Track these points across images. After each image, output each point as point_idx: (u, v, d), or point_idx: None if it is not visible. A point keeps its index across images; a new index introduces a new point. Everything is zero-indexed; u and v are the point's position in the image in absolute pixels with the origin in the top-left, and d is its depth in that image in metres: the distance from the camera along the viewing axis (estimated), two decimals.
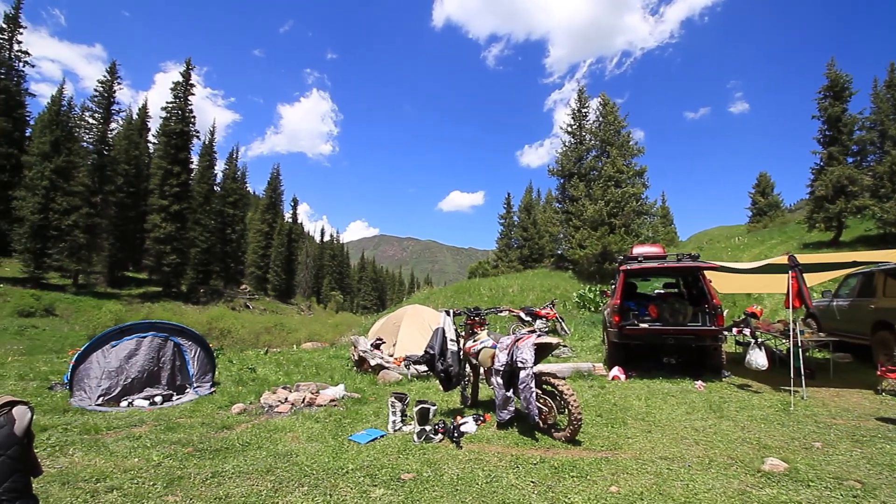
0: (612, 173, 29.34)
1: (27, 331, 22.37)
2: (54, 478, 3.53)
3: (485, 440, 4.58)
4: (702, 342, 7.63)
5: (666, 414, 5.47)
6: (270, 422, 5.27)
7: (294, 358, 10.97)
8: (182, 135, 41.58)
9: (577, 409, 4.36)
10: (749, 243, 32.93)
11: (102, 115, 36.58)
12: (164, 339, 6.69)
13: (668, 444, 4.38)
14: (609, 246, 26.93)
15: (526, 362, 4.61)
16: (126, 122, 46.18)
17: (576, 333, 13.84)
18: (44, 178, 30.74)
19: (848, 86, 27.58)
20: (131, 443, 4.45)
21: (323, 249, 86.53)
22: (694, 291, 8.66)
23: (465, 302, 22.87)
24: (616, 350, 8.06)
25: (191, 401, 6.28)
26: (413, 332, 9.86)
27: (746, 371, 7.33)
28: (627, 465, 3.83)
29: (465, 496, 3.32)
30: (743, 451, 4.18)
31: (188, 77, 42.70)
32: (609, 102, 32.25)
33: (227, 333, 23.47)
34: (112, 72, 37.72)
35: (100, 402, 5.86)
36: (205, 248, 44.25)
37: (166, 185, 39.74)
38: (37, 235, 30.30)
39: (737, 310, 14.04)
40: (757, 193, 49.12)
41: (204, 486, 3.47)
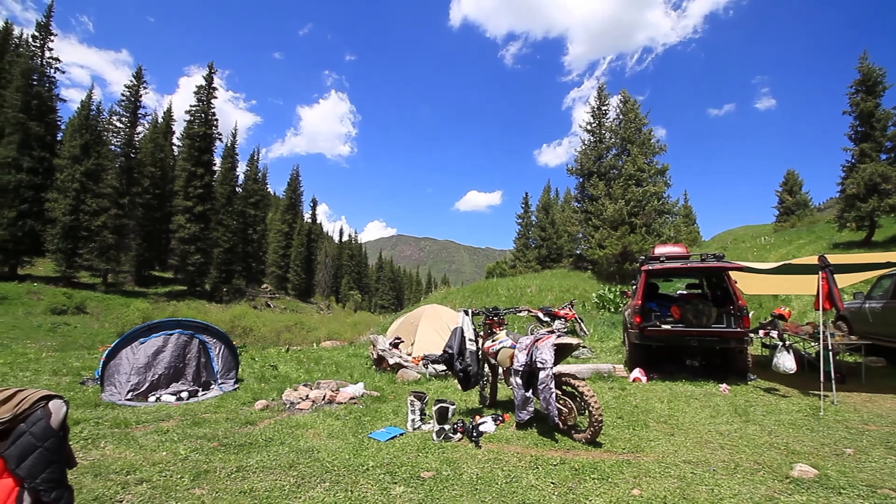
0: (633, 172, 28.86)
1: (60, 328, 23.19)
2: (87, 469, 3.66)
3: (504, 440, 4.57)
4: (727, 344, 7.46)
5: (689, 417, 5.37)
6: (292, 418, 5.36)
7: (314, 356, 11.12)
8: (205, 137, 42.57)
9: (598, 410, 4.31)
10: (776, 243, 31.96)
11: (129, 119, 37.71)
12: (190, 337, 6.87)
13: (692, 448, 4.30)
14: (629, 246, 26.51)
15: (546, 363, 4.58)
16: (152, 125, 47.49)
17: (595, 334, 13.67)
18: (74, 180, 31.85)
19: (881, 80, 26.49)
20: (159, 437, 4.58)
21: (341, 249, 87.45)
22: (718, 292, 8.46)
23: (483, 302, 22.82)
24: (637, 351, 7.94)
25: (215, 397, 6.43)
26: (431, 332, 9.89)
27: (773, 374, 7.14)
28: (650, 469, 3.77)
29: (484, 496, 3.32)
30: (770, 457, 4.07)
31: (211, 81, 43.68)
32: (630, 100, 31.74)
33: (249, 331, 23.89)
34: (138, 77, 38.85)
35: (129, 397, 6.05)
36: (227, 247, 45.20)
37: (190, 186, 40.77)
38: (68, 236, 31.42)
39: (763, 311, 13.66)
40: (784, 192, 47.66)
41: (229, 480, 3.55)
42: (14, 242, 30.21)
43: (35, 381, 7.27)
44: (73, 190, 31.73)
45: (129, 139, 37.48)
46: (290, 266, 61.01)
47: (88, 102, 34.82)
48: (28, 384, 6.65)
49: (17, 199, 30.61)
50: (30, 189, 31.31)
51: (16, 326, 21.63)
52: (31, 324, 22.79)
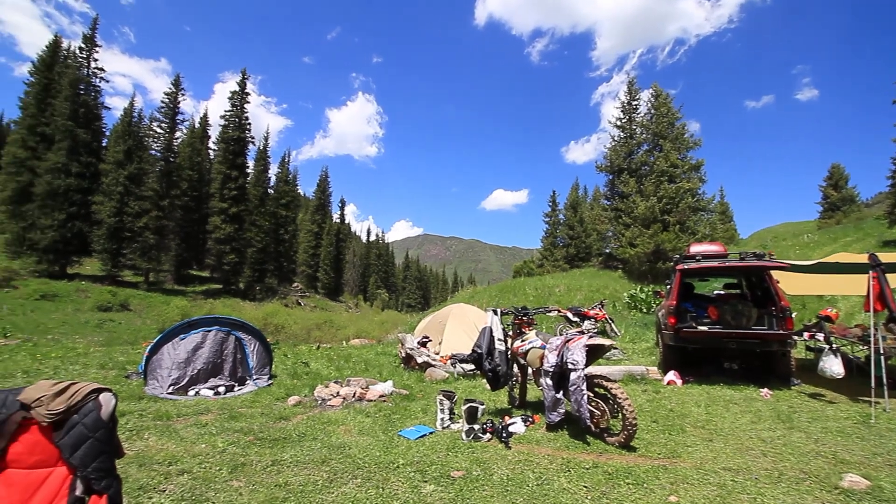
0: (666, 168, 28.00)
1: (105, 324, 24.41)
2: (132, 459, 3.83)
3: (534, 441, 4.52)
4: (768, 347, 7.14)
5: (729, 422, 5.17)
6: (324, 414, 5.46)
7: (344, 354, 11.30)
8: (239, 141, 43.94)
9: (632, 413, 4.20)
10: (820, 241, 30.40)
11: (168, 125, 39.30)
12: (227, 334, 7.10)
13: (732, 455, 4.14)
14: (662, 244, 25.74)
15: (577, 364, 4.50)
16: (189, 130, 49.35)
17: (627, 335, 13.34)
18: (118, 184, 33.45)
19: None
20: (199, 429, 4.75)
21: (369, 249, 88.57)
22: (759, 292, 8.11)
23: (510, 301, 22.64)
24: (671, 353, 7.70)
25: (251, 392, 6.62)
26: (458, 331, 9.88)
27: (819, 379, 6.80)
28: (687, 475, 3.65)
29: (515, 497, 3.29)
30: (817, 466, 3.88)
31: (244, 86, 45.04)
32: (661, 93, 30.80)
33: (281, 329, 24.50)
34: (176, 84, 40.43)
35: (170, 390, 6.30)
36: (260, 247, 46.49)
37: (225, 188, 42.17)
38: (113, 237, 33.03)
39: (807, 313, 13.02)
40: (829, 187, 45.27)
41: (265, 474, 3.65)
42: (64, 243, 31.98)
43: (84, 374, 7.67)
44: (118, 193, 33.33)
45: (169, 144, 39.06)
46: (319, 265, 62.26)
47: (131, 109, 36.50)
48: (77, 377, 7.01)
49: (66, 202, 32.39)
50: (78, 193, 33.06)
51: (66, 322, 22.91)
52: (80, 320, 24.10)
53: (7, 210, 32.46)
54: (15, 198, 32.47)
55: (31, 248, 31.30)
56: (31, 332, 19.10)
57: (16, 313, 22.82)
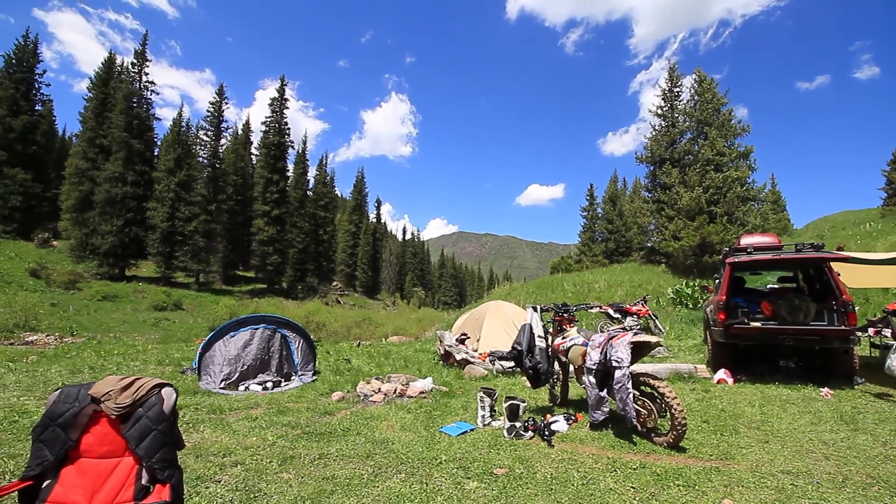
0: (712, 156, 26.73)
1: (161, 322, 25.93)
2: (189, 451, 4.04)
3: (577, 440, 4.44)
4: (828, 344, 6.70)
5: (786, 423, 4.89)
6: (366, 410, 5.58)
7: (383, 351, 11.50)
8: (279, 146, 45.53)
9: (681, 412, 4.05)
10: (884, 229, 28.13)
11: (214, 133, 41.26)
12: (273, 331, 7.38)
13: (791, 457, 3.92)
14: (709, 237, 24.60)
15: (622, 361, 4.38)
16: (233, 137, 51.59)
17: (672, 332, 12.87)
18: (170, 190, 35.44)
19: None
20: (249, 423, 4.97)
21: (405, 247, 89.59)
22: (817, 286, 7.62)
23: (548, 298, 22.32)
24: (721, 351, 7.36)
25: (296, 387, 6.85)
26: (496, 328, 9.84)
27: (886, 378, 6.32)
28: (742, 478, 3.49)
29: (560, 496, 3.25)
30: (886, 470, 3.61)
31: (283, 92, 46.58)
32: (706, 79, 29.38)
33: (322, 326, 25.25)
34: (220, 93, 42.34)
35: (222, 385, 6.61)
36: (301, 248, 48.04)
37: (267, 192, 43.84)
38: (166, 240, 35.05)
39: (871, 307, 12.11)
40: (893, 171, 41.83)
41: (312, 467, 3.77)
42: (122, 247, 34.25)
43: (143, 370, 8.17)
44: (169, 199, 35.31)
45: (215, 151, 41.00)
46: (357, 264, 63.61)
47: (179, 119, 38.53)
48: (138, 373, 7.49)
49: (123, 209, 34.63)
50: (133, 199, 35.28)
51: (125, 321, 24.50)
52: (138, 319, 25.71)
53: (71, 217, 35.07)
54: (78, 206, 35.04)
55: (93, 252, 33.72)
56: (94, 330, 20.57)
57: (81, 313, 24.62)
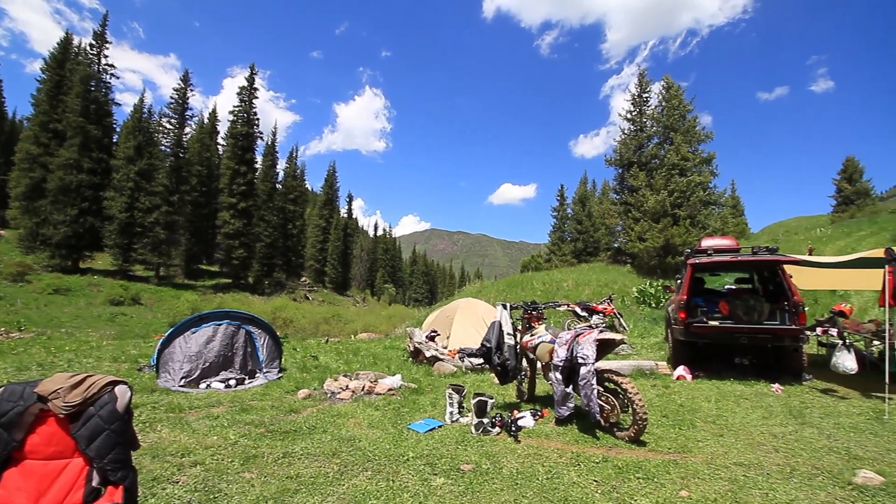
0: (677, 161, 27.67)
1: (117, 318, 24.77)
2: (146, 451, 3.88)
3: (543, 435, 4.52)
4: (780, 342, 7.07)
5: (739, 418, 5.13)
6: (333, 407, 5.50)
7: (352, 347, 11.37)
8: (248, 136, 44.18)
9: (643, 408, 4.18)
10: (833, 235, 29.91)
11: (178, 121, 39.61)
12: (237, 327, 7.17)
13: (744, 450, 4.11)
14: (672, 239, 25.50)
15: (587, 358, 4.48)
16: (198, 126, 49.63)
17: (635, 330, 13.28)
18: (129, 179, 33.82)
19: None
20: (210, 422, 4.81)
21: (376, 243, 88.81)
22: (771, 287, 8.02)
23: (518, 296, 22.60)
24: (681, 348, 7.65)
25: (261, 385, 6.69)
26: (466, 325, 9.89)
27: (832, 375, 6.72)
28: (698, 470, 3.63)
29: (525, 490, 3.30)
30: (830, 461, 3.84)
31: (252, 81, 45.20)
32: (673, 85, 30.38)
33: (290, 323, 24.73)
34: (185, 80, 40.68)
35: (182, 383, 6.38)
36: (268, 242, 46.83)
37: (234, 184, 42.48)
38: (124, 232, 33.46)
39: (819, 308, 12.85)
40: (843, 180, 44.52)
41: (276, 465, 3.69)
42: (76, 238, 32.44)
43: (97, 367, 7.78)
44: (128, 189, 33.70)
45: (178, 139, 39.38)
46: (327, 260, 62.57)
47: (140, 105, 36.82)
48: (91, 370, 7.13)
49: (78, 198, 32.81)
50: (89, 188, 33.47)
51: (78, 316, 23.27)
52: (92, 314, 24.47)
53: (21, 206, 32.99)
54: (28, 194, 32.99)
55: (45, 243, 31.81)
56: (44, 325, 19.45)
57: (30, 307, 23.23)
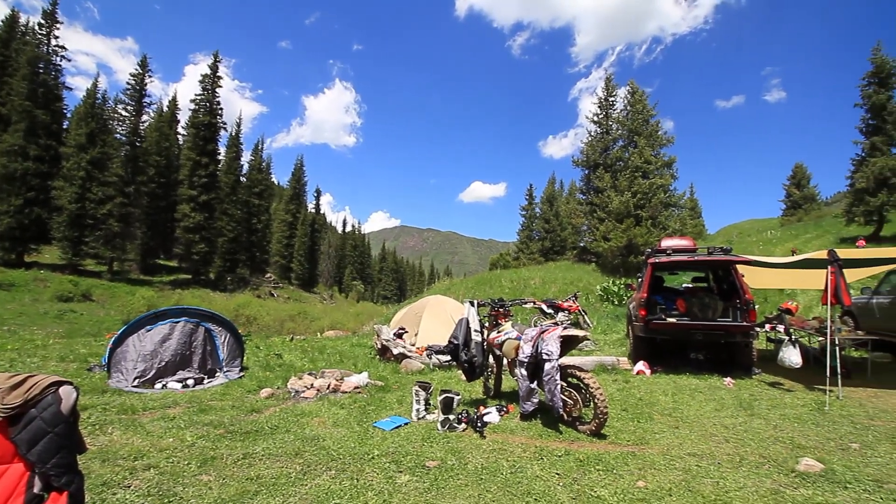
0: (640, 164, 28.59)
1: (66, 315, 23.40)
2: (95, 455, 3.69)
3: (508, 431, 4.59)
4: (732, 338, 7.43)
5: (694, 410, 5.37)
6: (297, 406, 5.40)
7: (318, 345, 11.18)
8: (210, 126, 42.53)
9: (604, 402, 4.31)
10: (782, 237, 31.76)
11: (135, 108, 37.68)
12: (196, 325, 6.91)
13: (697, 441, 4.30)
14: (634, 238, 26.35)
15: (552, 354, 4.57)
16: (157, 114, 47.44)
17: (599, 327, 13.66)
18: (80, 168, 31.92)
19: (894, 72, 26.07)
20: (166, 423, 4.62)
21: (345, 240, 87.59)
22: (725, 286, 8.42)
23: (487, 293, 22.82)
24: (641, 344, 7.92)
25: (221, 384, 6.48)
26: (435, 323, 9.90)
27: (778, 369, 7.12)
28: (655, 461, 3.78)
29: (489, 485, 3.33)
30: (775, 451, 4.07)
31: (216, 70, 43.54)
32: (638, 91, 31.33)
33: (253, 320, 24.05)
34: (143, 65, 38.74)
35: (136, 383, 6.10)
36: (231, 237, 45.36)
37: (195, 175, 40.83)
38: (74, 224, 31.58)
39: (768, 306, 13.60)
40: (792, 185, 47.21)
41: (236, 467, 3.58)
42: (21, 230, 30.36)
43: (42, 367, 7.34)
44: (79, 178, 31.82)
45: (135, 128, 37.47)
46: (293, 256, 61.20)
47: (94, 91, 34.78)
48: (36, 370, 6.71)
49: (23, 186, 30.69)
50: (36, 177, 31.37)
51: (23, 313, 21.84)
52: (38, 310, 23.01)
53: None
54: None
55: None
56: None
57: None
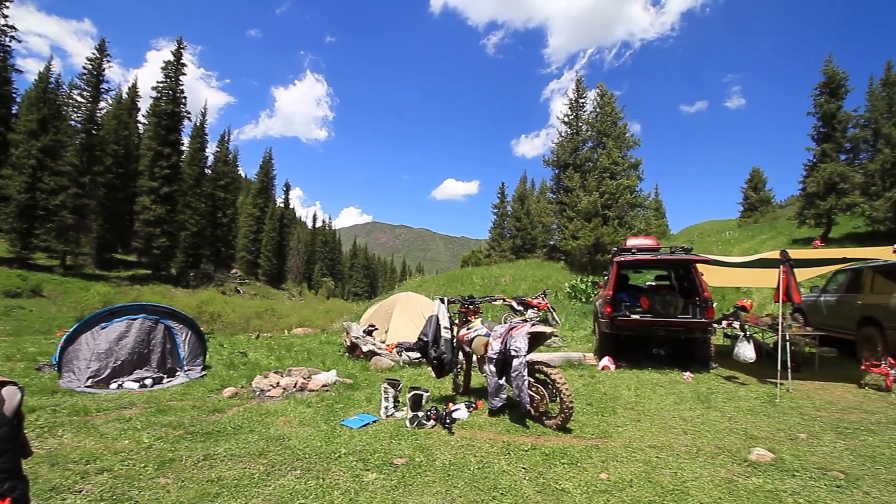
0: (608, 165, 29.30)
1: (13, 311, 22.09)
2: (44, 459, 3.50)
3: (477, 427, 4.62)
4: (691, 334, 7.72)
5: (655, 404, 5.55)
6: (262, 406, 5.27)
7: (285, 343, 10.95)
8: (173, 116, 40.82)
9: (569, 397, 4.40)
10: (739, 238, 33.25)
11: (91, 94, 35.71)
12: (155, 322, 6.63)
13: (657, 433, 4.45)
14: (602, 237, 27.01)
15: (520, 351, 4.63)
16: (115, 101, 45.18)
17: (567, 323, 13.94)
18: (31, 156, 30.11)
19: (844, 83, 27.65)
20: (121, 425, 4.43)
21: (315, 235, 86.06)
22: (685, 284, 8.73)
23: (458, 290, 22.91)
24: (607, 340, 8.13)
25: (181, 384, 6.25)
26: (405, 320, 9.87)
27: (734, 363, 7.44)
28: (617, 453, 3.89)
29: (457, 481, 3.35)
30: (730, 441, 4.25)
31: (180, 57, 41.80)
32: (607, 93, 32.05)
33: (218, 317, 23.36)
34: (101, 49, 36.76)
35: (89, 383, 5.81)
36: (195, 231, 43.79)
37: (156, 166, 39.09)
38: (23, 215, 29.78)
39: (726, 303, 14.21)
40: (749, 189, 49.45)
41: (196, 469, 3.46)
42: None
43: None
44: (30, 167, 30.01)
45: (91, 115, 35.54)
46: (261, 251, 59.64)
47: (47, 74, 32.87)
48: None
49: None
50: None
51: None
52: None
53: None
54: None
55: None
56: None
57: None
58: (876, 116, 25.42)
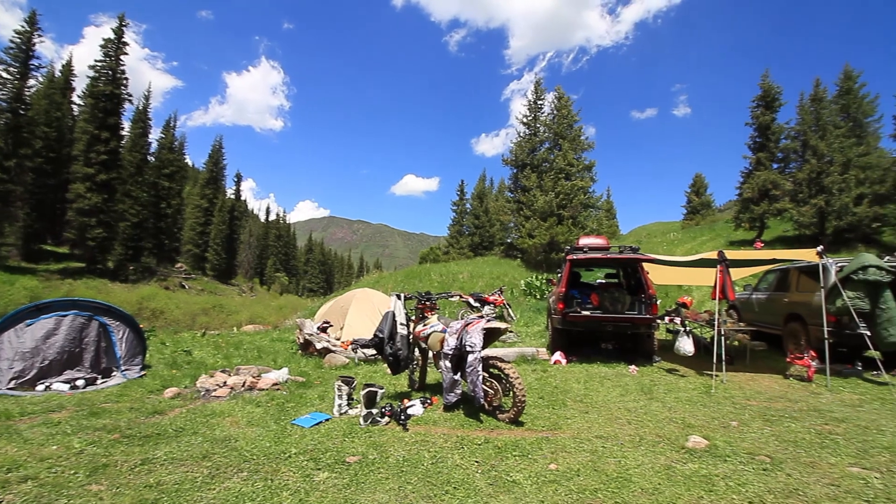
0: (563, 166, 30.15)
1: None
2: None
3: (431, 422, 4.64)
4: (637, 329, 8.11)
5: (602, 396, 5.79)
6: (207, 406, 5.04)
7: (234, 341, 10.53)
8: (112, 97, 38.01)
9: (522, 391, 4.50)
10: (682, 239, 35.25)
11: (19, 70, 32.56)
12: (88, 319, 6.18)
13: (604, 424, 4.64)
14: (556, 236, 27.80)
15: (474, 346, 4.68)
16: (47, 79, 41.52)
17: (522, 319, 14.25)
18: None
19: (778, 96, 29.89)
20: (49, 429, 4.10)
21: (268, 229, 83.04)
22: (633, 282, 9.14)
23: (416, 287, 22.86)
24: (559, 336, 8.38)
25: (118, 385, 5.88)
26: (361, 316, 9.73)
27: (675, 357, 7.88)
28: (566, 444, 4.02)
29: (410, 477, 3.35)
30: (669, 430, 4.50)
31: (121, 34, 38.93)
32: (564, 96, 32.94)
33: (160, 314, 22.15)
34: (31, 22, 33.61)
35: (12, 385, 5.35)
36: (136, 222, 41.09)
37: (92, 151, 36.26)
38: None
39: (669, 300, 15.00)
40: (692, 193, 52.42)
41: (132, 474, 3.27)
42: None
43: None
44: None
45: (18, 93, 32.42)
46: (208, 245, 56.80)
47: None
48: None
49: None
50: None
51: None
52: None
53: None
54: None
55: None
56: None
57: None
58: (805, 129, 27.65)
